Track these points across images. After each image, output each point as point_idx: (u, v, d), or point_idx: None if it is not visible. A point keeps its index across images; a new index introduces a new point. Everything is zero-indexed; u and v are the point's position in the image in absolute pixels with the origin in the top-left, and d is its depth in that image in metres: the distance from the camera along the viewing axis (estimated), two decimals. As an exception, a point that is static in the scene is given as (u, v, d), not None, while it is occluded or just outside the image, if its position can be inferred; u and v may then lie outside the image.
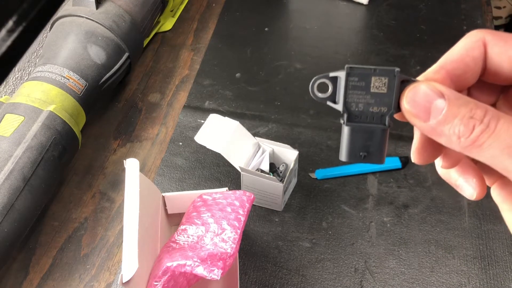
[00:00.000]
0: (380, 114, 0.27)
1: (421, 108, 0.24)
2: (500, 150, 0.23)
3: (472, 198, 0.28)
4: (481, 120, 0.23)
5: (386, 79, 0.26)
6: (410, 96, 0.25)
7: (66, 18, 0.72)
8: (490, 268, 0.60)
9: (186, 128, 0.75)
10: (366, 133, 0.27)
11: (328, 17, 0.92)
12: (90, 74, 0.69)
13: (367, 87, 0.26)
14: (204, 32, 0.90)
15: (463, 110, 0.23)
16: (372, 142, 0.27)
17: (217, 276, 0.45)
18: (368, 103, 0.27)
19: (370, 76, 0.26)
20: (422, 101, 0.24)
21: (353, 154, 0.28)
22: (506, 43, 0.25)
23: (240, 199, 0.53)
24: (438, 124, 0.24)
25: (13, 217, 0.56)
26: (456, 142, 0.24)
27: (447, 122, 0.23)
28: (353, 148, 0.27)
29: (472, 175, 0.28)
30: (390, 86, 0.26)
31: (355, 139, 0.27)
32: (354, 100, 0.27)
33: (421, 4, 0.93)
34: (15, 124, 0.61)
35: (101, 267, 0.62)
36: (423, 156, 0.27)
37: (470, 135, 0.23)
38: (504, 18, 1.32)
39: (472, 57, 0.26)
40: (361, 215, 0.65)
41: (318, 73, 0.28)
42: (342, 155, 0.28)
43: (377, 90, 0.26)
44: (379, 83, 0.26)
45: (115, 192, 0.69)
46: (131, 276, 0.44)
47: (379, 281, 0.59)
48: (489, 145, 0.23)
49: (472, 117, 0.23)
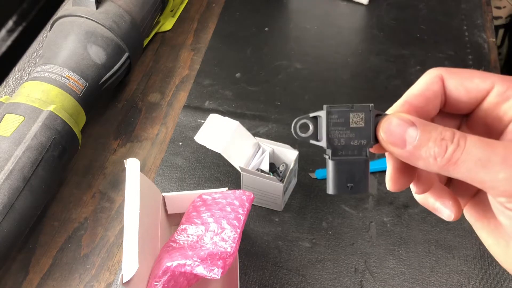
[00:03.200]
0: (361, 147, 0.29)
1: (397, 137, 0.27)
2: (473, 164, 0.25)
3: (450, 219, 0.30)
4: (451, 140, 0.25)
5: (362, 114, 0.28)
6: (385, 127, 0.27)
7: (66, 18, 0.72)
8: (490, 268, 0.60)
9: (186, 128, 0.75)
10: (350, 165, 0.29)
11: (328, 17, 0.92)
12: (90, 74, 0.69)
13: (346, 123, 0.29)
14: (204, 32, 0.90)
15: (434, 134, 0.26)
16: (356, 173, 0.29)
17: (217, 275, 0.45)
18: (348, 138, 0.29)
19: (348, 113, 0.28)
20: (397, 131, 0.27)
21: (340, 186, 0.29)
22: (461, 77, 0.28)
23: (240, 199, 0.53)
24: (415, 149, 0.26)
25: (13, 217, 0.56)
26: (433, 163, 0.26)
27: (423, 146, 0.26)
28: (340, 180, 0.29)
29: (448, 198, 0.30)
30: (367, 120, 0.28)
31: (340, 172, 0.29)
32: (336, 136, 0.29)
33: (421, 4, 0.93)
34: (15, 124, 0.61)
35: (101, 267, 0.62)
36: (398, 183, 0.29)
37: (445, 154, 0.25)
38: (504, 18, 1.32)
39: (432, 91, 0.28)
40: (361, 215, 0.65)
41: (318, 73, 0.29)
42: (330, 188, 0.30)
43: (356, 125, 0.28)
44: (357, 118, 0.28)
45: (115, 192, 0.69)
46: (131, 276, 0.44)
47: (379, 281, 0.59)
48: (463, 161, 0.25)
49: (444, 139, 0.25)
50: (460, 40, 0.86)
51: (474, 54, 0.84)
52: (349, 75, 0.82)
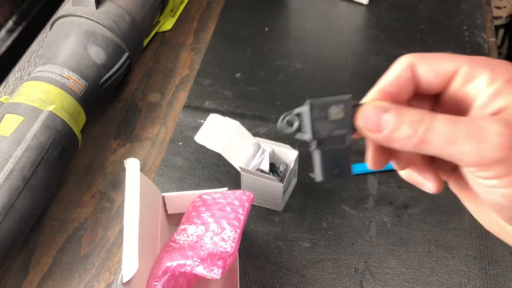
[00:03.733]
0: (342, 136, 0.31)
1: (373, 123, 0.29)
2: (442, 140, 0.27)
3: (432, 191, 0.33)
4: (421, 121, 0.28)
5: (342, 105, 0.31)
6: (362, 115, 0.30)
7: (66, 18, 0.72)
8: (490, 268, 0.60)
9: (186, 128, 0.75)
10: (333, 153, 0.32)
11: (328, 17, 0.92)
12: (90, 74, 0.69)
13: (327, 115, 0.31)
14: (204, 32, 0.90)
15: (406, 117, 0.28)
16: (340, 160, 0.32)
17: (217, 275, 0.45)
18: (330, 129, 0.31)
19: (328, 106, 0.31)
20: (372, 118, 0.29)
21: (327, 173, 0.32)
22: (431, 62, 0.31)
23: (240, 199, 0.53)
24: (390, 133, 0.29)
25: (13, 217, 0.56)
26: (408, 143, 0.28)
27: (396, 129, 0.28)
28: (326, 168, 0.32)
29: (429, 173, 0.33)
30: (346, 111, 0.31)
31: (325, 161, 0.32)
32: (319, 129, 0.31)
33: (421, 4, 0.93)
34: (15, 124, 0.61)
35: (101, 267, 0.62)
36: (377, 162, 0.32)
37: (416, 134, 0.28)
38: (504, 18, 1.32)
39: (404, 78, 0.31)
40: (361, 215, 0.65)
41: (318, 73, 0.30)
42: (318, 176, 0.32)
43: (336, 117, 0.31)
44: (337, 110, 0.31)
45: (115, 192, 0.69)
46: (131, 276, 0.44)
47: (379, 281, 0.59)
48: (432, 139, 0.27)
49: (414, 121, 0.28)
50: (460, 40, 0.86)
51: (474, 54, 0.84)
52: (349, 75, 0.82)
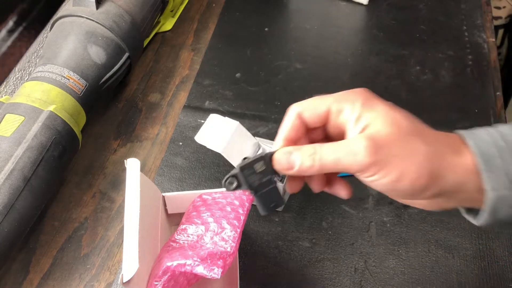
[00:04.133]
0: (269, 180, 0.43)
1: (285, 165, 0.41)
2: (332, 162, 0.39)
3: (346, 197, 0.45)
4: (315, 153, 0.39)
5: (262, 161, 0.42)
6: (276, 162, 0.41)
7: (66, 18, 0.72)
8: (490, 268, 0.60)
9: (186, 128, 0.75)
10: (267, 194, 0.43)
11: (328, 17, 0.92)
12: (90, 74, 0.69)
13: (255, 170, 0.42)
14: (204, 32, 0.90)
15: (305, 154, 0.40)
16: (273, 197, 0.44)
17: (217, 275, 0.45)
18: (259, 178, 0.42)
19: (253, 164, 0.42)
20: (284, 161, 0.41)
21: (266, 208, 0.44)
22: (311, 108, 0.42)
23: (240, 199, 0.53)
24: (300, 167, 0.40)
25: (13, 217, 0.56)
26: (313, 170, 0.40)
27: (302, 163, 0.40)
28: (265, 205, 0.44)
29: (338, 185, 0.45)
30: (266, 163, 0.42)
31: (263, 200, 0.44)
32: (251, 181, 0.42)
33: (421, 4, 0.93)
34: (15, 124, 0.61)
35: (101, 267, 0.62)
36: (293, 187, 0.44)
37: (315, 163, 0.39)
38: (504, 18, 1.32)
39: (296, 125, 0.42)
40: (361, 215, 0.65)
41: (318, 73, 0.34)
42: (261, 211, 0.45)
43: (261, 169, 0.42)
44: (259, 164, 0.42)
45: (115, 192, 0.69)
46: (132, 276, 0.44)
47: (379, 281, 0.59)
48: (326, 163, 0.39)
49: (311, 154, 0.40)
50: (460, 40, 0.86)
51: (474, 54, 0.84)
52: (349, 75, 0.82)
